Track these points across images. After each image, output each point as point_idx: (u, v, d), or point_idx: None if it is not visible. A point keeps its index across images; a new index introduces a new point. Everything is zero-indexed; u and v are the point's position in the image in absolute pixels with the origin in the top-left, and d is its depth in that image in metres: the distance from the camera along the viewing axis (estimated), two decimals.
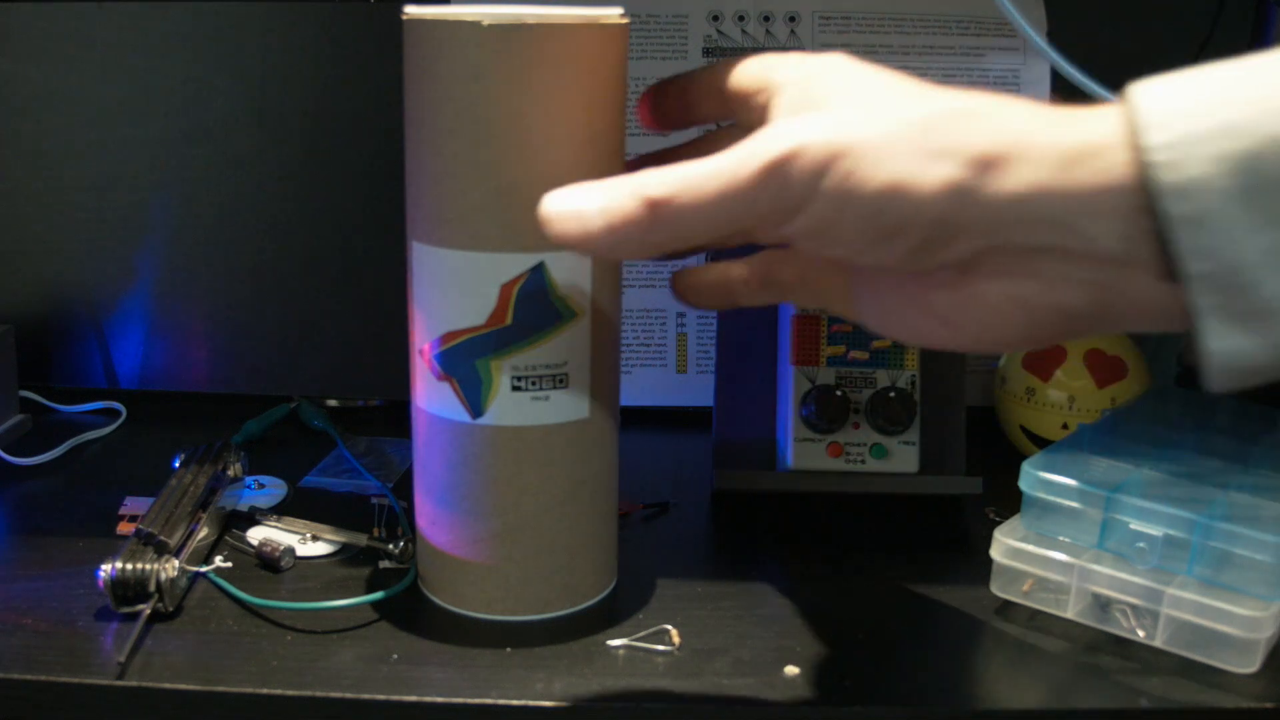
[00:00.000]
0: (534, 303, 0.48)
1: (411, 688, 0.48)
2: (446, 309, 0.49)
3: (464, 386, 0.49)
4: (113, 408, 0.81)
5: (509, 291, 0.48)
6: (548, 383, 0.49)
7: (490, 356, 0.48)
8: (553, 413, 0.49)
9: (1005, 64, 0.79)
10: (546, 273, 0.48)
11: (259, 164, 0.82)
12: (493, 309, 0.48)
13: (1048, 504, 0.54)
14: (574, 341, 0.49)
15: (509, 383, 0.48)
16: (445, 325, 0.49)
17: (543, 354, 0.48)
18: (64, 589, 0.55)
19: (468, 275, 0.48)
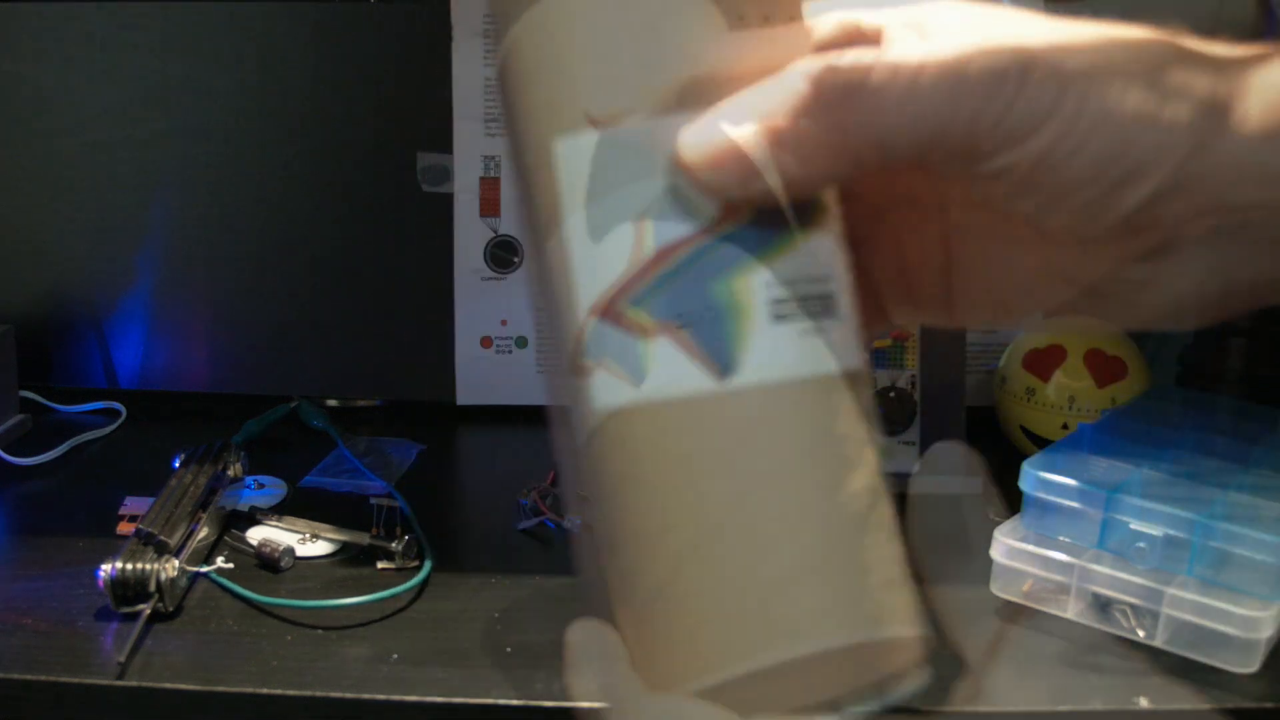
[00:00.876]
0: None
1: (411, 688, 0.48)
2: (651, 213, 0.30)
3: (699, 329, 0.29)
4: (113, 408, 0.81)
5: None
6: (816, 308, 0.30)
7: (736, 270, 0.29)
8: (832, 356, 0.30)
9: None
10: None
11: (259, 164, 0.82)
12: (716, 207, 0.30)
13: (1048, 504, 0.54)
14: (829, 249, 0.31)
15: (767, 310, 0.29)
16: (654, 240, 0.30)
17: (802, 263, 0.30)
18: (64, 589, 0.55)
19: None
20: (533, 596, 0.56)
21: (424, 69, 0.81)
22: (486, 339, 0.83)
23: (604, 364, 0.30)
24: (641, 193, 0.30)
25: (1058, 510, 0.54)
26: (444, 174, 0.82)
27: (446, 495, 0.71)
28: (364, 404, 0.85)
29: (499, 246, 0.82)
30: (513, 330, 0.83)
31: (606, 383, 0.30)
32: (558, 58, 0.31)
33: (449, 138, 0.81)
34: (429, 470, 0.73)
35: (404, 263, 0.83)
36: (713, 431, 0.29)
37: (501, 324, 0.83)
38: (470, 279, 0.82)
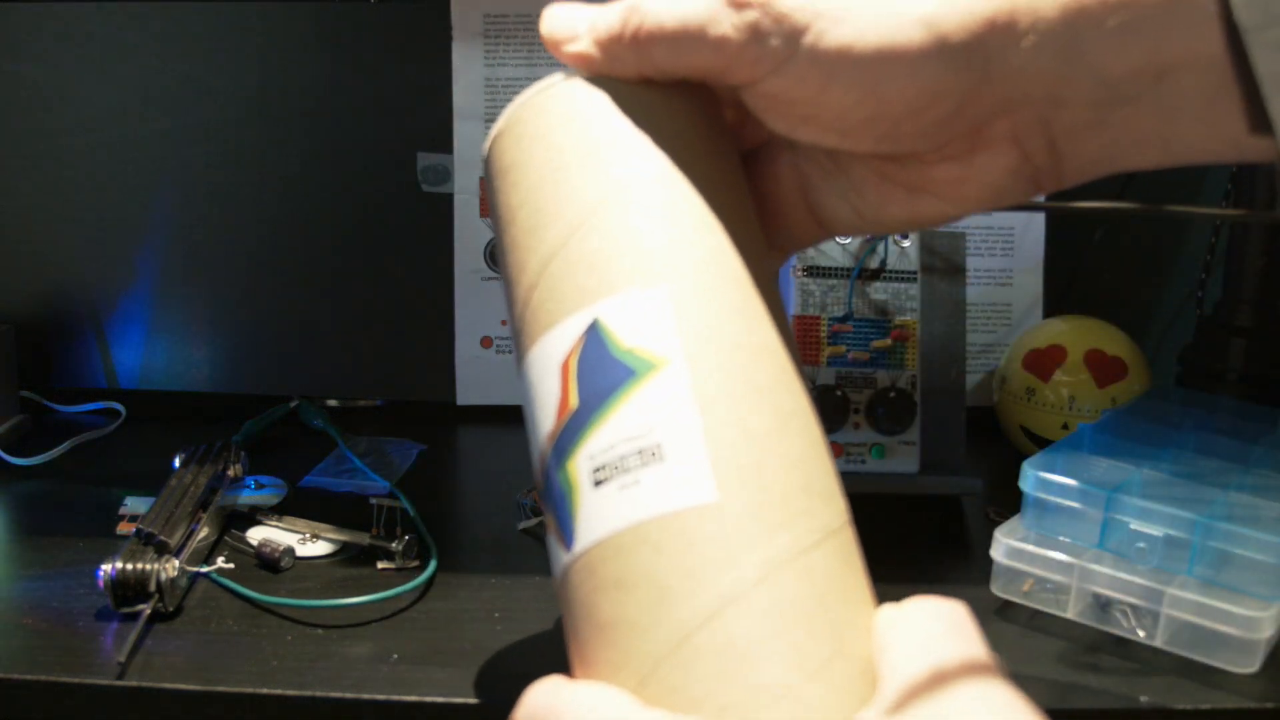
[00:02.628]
0: (597, 371, 0.35)
1: (411, 688, 0.48)
2: (532, 432, 0.37)
3: (556, 514, 0.35)
4: (113, 408, 0.81)
5: (568, 369, 0.35)
6: (634, 461, 0.33)
7: (566, 459, 0.34)
8: (653, 501, 0.32)
9: None
10: (602, 329, 0.35)
11: (259, 164, 0.82)
12: (558, 399, 0.35)
13: (1048, 504, 0.54)
14: (660, 399, 0.33)
15: (589, 480, 0.33)
16: (537, 442, 0.36)
17: (621, 424, 0.33)
18: (64, 589, 0.55)
19: (534, 378, 0.37)
20: (533, 596, 0.56)
21: (424, 69, 0.81)
22: (486, 339, 0.83)
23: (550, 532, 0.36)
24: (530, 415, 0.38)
25: (1058, 510, 0.54)
26: (444, 174, 0.82)
27: (446, 495, 0.71)
28: (364, 404, 0.85)
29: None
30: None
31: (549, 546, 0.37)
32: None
33: (449, 138, 0.81)
34: (429, 470, 0.73)
35: (404, 263, 0.83)
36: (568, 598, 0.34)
37: (501, 324, 0.83)
38: (470, 279, 0.82)
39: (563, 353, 0.35)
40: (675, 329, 0.34)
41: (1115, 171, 0.37)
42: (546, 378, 0.36)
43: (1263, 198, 0.75)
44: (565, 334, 0.35)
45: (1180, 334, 0.90)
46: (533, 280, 0.36)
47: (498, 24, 0.81)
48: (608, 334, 0.35)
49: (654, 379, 0.34)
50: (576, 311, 0.35)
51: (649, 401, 0.34)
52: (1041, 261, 0.82)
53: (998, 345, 0.82)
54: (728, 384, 0.34)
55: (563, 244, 0.36)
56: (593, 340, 0.35)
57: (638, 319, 0.35)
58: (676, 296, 0.35)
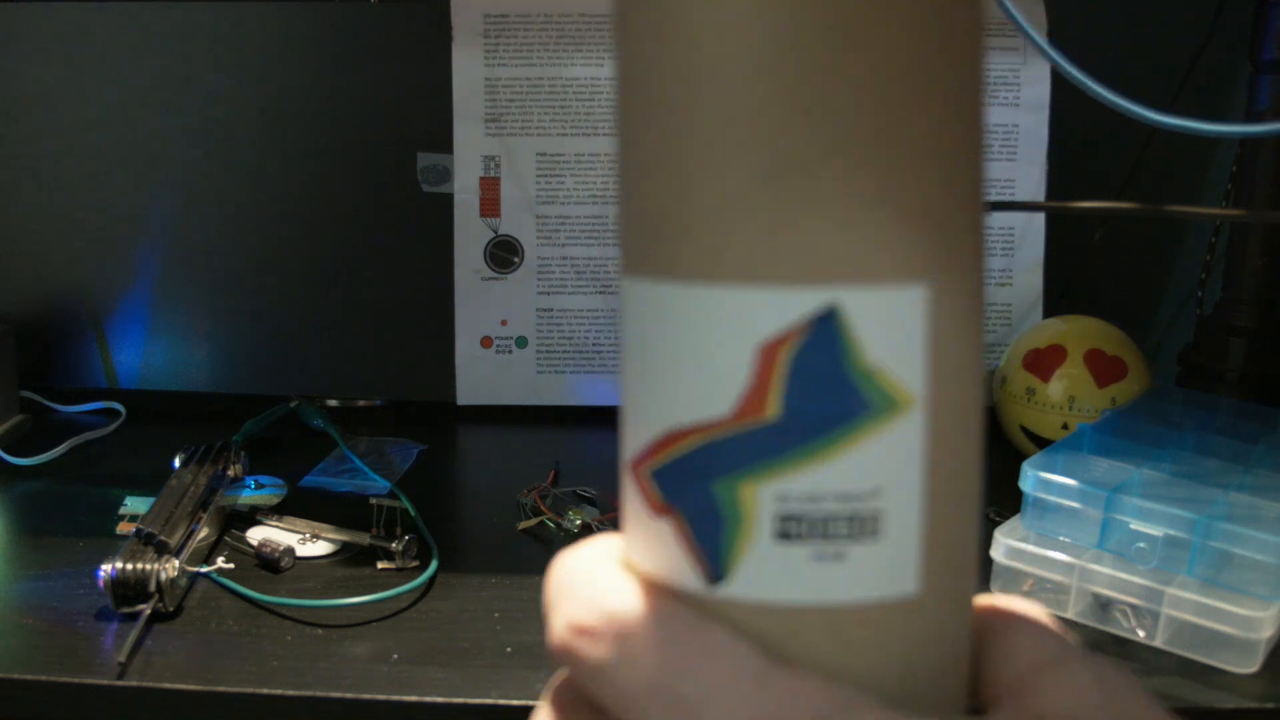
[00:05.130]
0: (818, 380, 0.26)
1: (411, 688, 0.48)
2: (665, 391, 0.27)
3: (695, 526, 0.27)
4: (113, 408, 0.81)
5: (773, 357, 0.26)
6: (843, 528, 0.26)
7: (739, 476, 0.26)
8: (852, 584, 0.26)
9: (1005, 64, 0.79)
10: (841, 324, 0.25)
11: (259, 164, 0.82)
12: (743, 390, 0.26)
13: (1048, 504, 0.54)
14: (895, 453, 0.26)
15: (772, 525, 0.26)
16: (664, 420, 0.27)
17: (840, 471, 0.26)
18: (64, 589, 0.55)
19: (698, 328, 0.27)
20: (533, 596, 0.56)
21: (424, 69, 0.81)
22: (486, 339, 0.83)
23: (627, 516, 0.29)
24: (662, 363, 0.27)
25: (1058, 510, 0.54)
26: (444, 174, 0.82)
27: (447, 495, 0.71)
28: (364, 404, 0.85)
29: (499, 246, 0.82)
30: (513, 330, 0.83)
31: (628, 537, 0.29)
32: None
33: (449, 138, 0.81)
34: (429, 470, 0.73)
35: (404, 263, 0.83)
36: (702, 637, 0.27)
37: (501, 324, 0.83)
38: (470, 279, 0.82)
39: (769, 332, 0.25)
40: (925, 353, 0.26)
41: None
42: (722, 351, 0.26)
43: (1263, 198, 0.75)
44: (779, 307, 0.25)
45: (1180, 334, 0.90)
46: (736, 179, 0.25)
47: (498, 24, 0.81)
48: (848, 337, 0.26)
49: (893, 424, 0.26)
50: (808, 282, 0.25)
51: (881, 453, 0.26)
52: (1041, 261, 0.82)
53: (998, 345, 0.82)
54: (960, 441, 0.27)
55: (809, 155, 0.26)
56: (824, 337, 0.25)
57: (889, 327, 0.26)
58: (934, 303, 0.26)
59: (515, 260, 0.82)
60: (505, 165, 0.81)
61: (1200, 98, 0.84)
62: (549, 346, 0.83)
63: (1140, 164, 0.85)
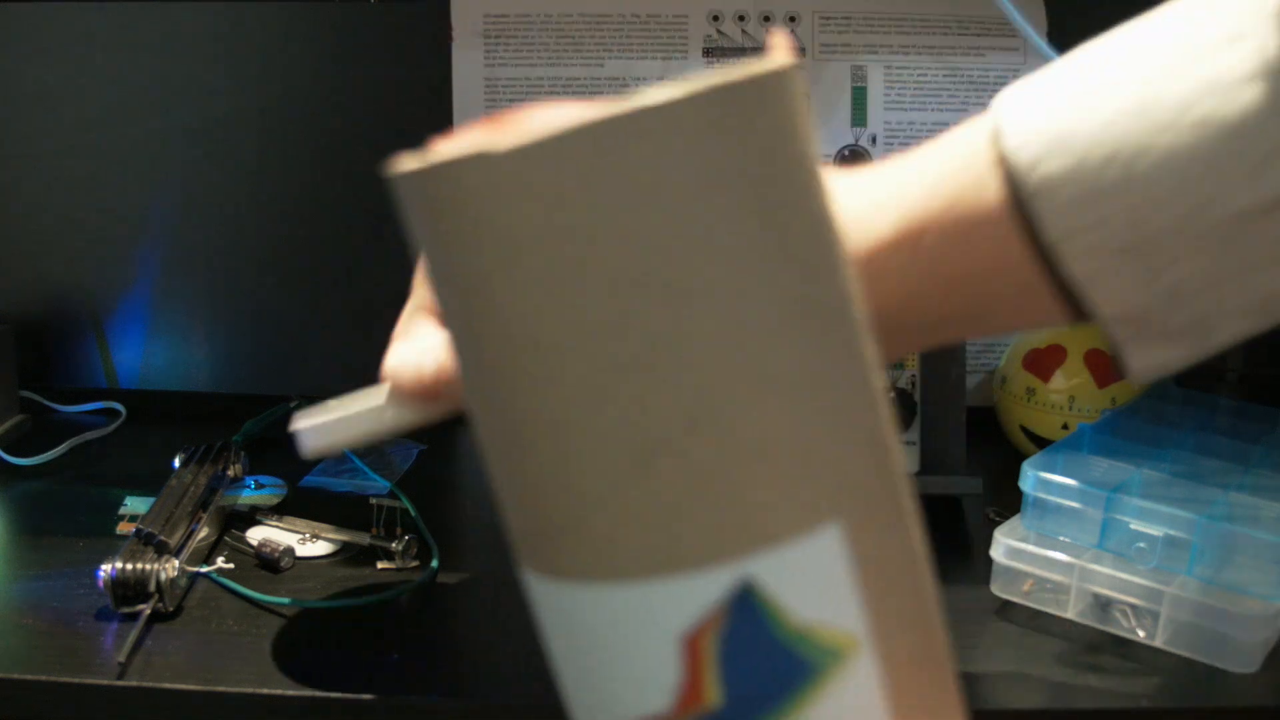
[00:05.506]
0: (751, 657, 0.24)
1: (411, 688, 0.48)
2: (601, 691, 0.25)
3: None
4: (113, 408, 0.81)
5: (697, 647, 0.24)
6: None
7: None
8: None
9: (1005, 64, 0.79)
10: (760, 597, 0.24)
11: (259, 164, 0.82)
12: (678, 683, 0.24)
13: (1048, 504, 0.54)
14: (853, 699, 0.24)
15: None
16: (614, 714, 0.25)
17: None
18: (64, 589, 0.55)
19: (612, 627, 0.24)
20: None
21: (424, 69, 0.81)
22: None
23: None
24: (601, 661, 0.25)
25: (1058, 510, 0.54)
26: None
27: (446, 495, 0.71)
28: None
29: None
30: None
31: None
32: None
33: None
34: (429, 470, 0.73)
35: (404, 263, 0.83)
36: None
37: None
38: None
39: (687, 622, 0.24)
40: (856, 591, 0.24)
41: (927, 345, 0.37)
42: (643, 644, 0.24)
43: None
44: (689, 594, 0.23)
45: None
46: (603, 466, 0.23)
47: (498, 24, 0.81)
48: (770, 608, 0.24)
49: (842, 673, 0.24)
50: (713, 562, 0.23)
51: (838, 705, 0.24)
52: None
53: (998, 345, 0.82)
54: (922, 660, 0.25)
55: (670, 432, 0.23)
56: (744, 614, 0.23)
57: (811, 580, 0.24)
58: (852, 537, 0.24)
59: None
60: None
61: None
62: None
63: None
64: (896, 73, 0.79)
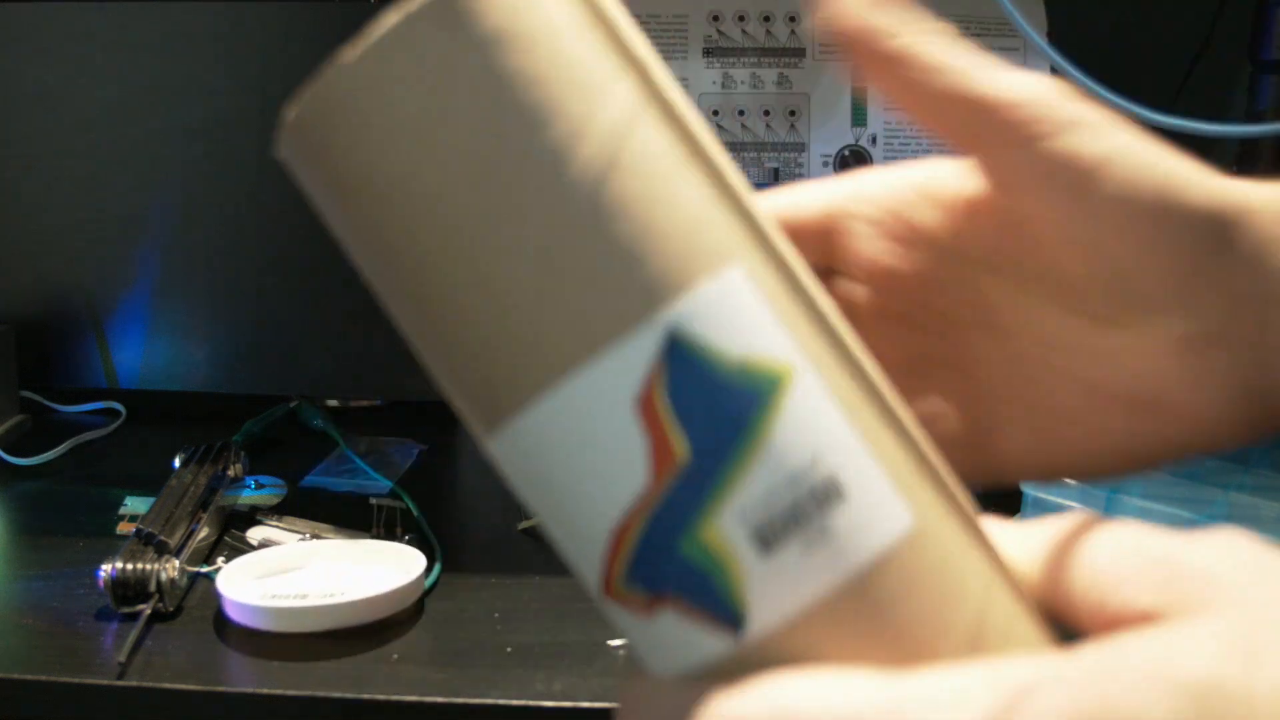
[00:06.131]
0: (705, 402, 0.26)
1: (411, 688, 0.48)
2: (584, 504, 0.27)
3: (690, 595, 0.26)
4: (113, 408, 0.81)
5: (652, 406, 0.26)
6: (811, 507, 0.26)
7: (694, 525, 0.26)
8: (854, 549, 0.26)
9: (1005, 64, 0.79)
10: (690, 342, 0.26)
11: (259, 164, 0.82)
12: (646, 450, 0.26)
13: (1048, 504, 0.54)
14: (809, 417, 0.26)
15: (752, 547, 0.26)
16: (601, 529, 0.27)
17: (774, 462, 0.26)
18: (64, 589, 0.55)
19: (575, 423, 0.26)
20: (533, 596, 0.56)
21: None
22: None
23: (632, 639, 0.27)
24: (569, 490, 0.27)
25: (1057, 510, 0.54)
26: None
27: (447, 495, 0.71)
28: (364, 404, 0.84)
29: None
30: None
31: (643, 656, 0.27)
32: None
33: None
34: (429, 470, 0.73)
35: None
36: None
37: None
38: None
39: (631, 389, 0.25)
40: (774, 321, 0.26)
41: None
42: (604, 430, 0.26)
43: None
44: (621, 364, 0.25)
45: None
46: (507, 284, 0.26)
47: None
48: (702, 350, 0.26)
49: (789, 395, 0.26)
50: (628, 328, 0.25)
51: (794, 426, 0.26)
52: None
53: None
54: (852, 370, 0.28)
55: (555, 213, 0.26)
56: (681, 361, 0.26)
57: (732, 316, 0.26)
58: (755, 275, 0.26)
59: None
60: None
61: (1200, 98, 0.84)
62: None
63: None
64: None
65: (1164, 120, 0.57)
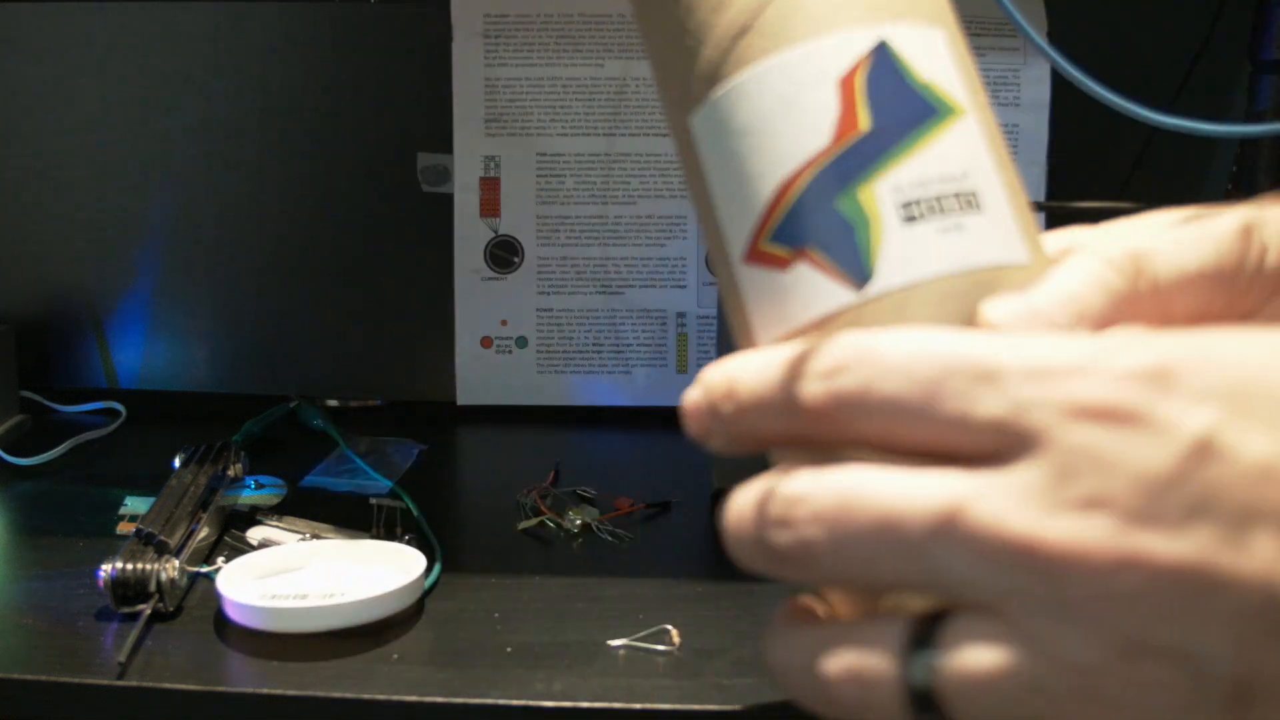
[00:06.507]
0: (891, 93, 0.32)
1: (411, 688, 0.48)
2: (766, 158, 0.32)
3: (830, 249, 0.31)
4: (113, 408, 0.81)
5: (851, 84, 0.31)
6: (953, 204, 0.31)
7: (856, 184, 0.31)
8: (979, 249, 0.31)
9: (1005, 64, 0.79)
10: (894, 52, 0.32)
11: (259, 164, 0.82)
12: (836, 117, 0.31)
13: None
14: (968, 145, 0.32)
15: (897, 214, 0.30)
16: (773, 179, 0.32)
17: (934, 161, 0.31)
18: (64, 589, 0.55)
19: (786, 88, 0.32)
20: (533, 596, 0.56)
21: (424, 69, 0.81)
22: (486, 339, 0.83)
23: (757, 305, 0.32)
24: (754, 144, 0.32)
25: None
26: (444, 174, 0.82)
27: (446, 495, 0.71)
28: (364, 404, 0.84)
29: (499, 246, 0.82)
30: (513, 330, 0.83)
31: (762, 322, 0.32)
32: None
33: (449, 138, 0.81)
34: (429, 470, 0.73)
35: (404, 263, 0.83)
36: None
37: (501, 324, 0.83)
38: (470, 279, 0.82)
39: (842, 67, 0.31)
40: (958, 76, 0.33)
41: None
42: (809, 92, 0.31)
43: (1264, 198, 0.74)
44: (842, 48, 0.32)
45: None
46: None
47: (498, 24, 0.81)
48: (902, 61, 0.32)
49: (957, 124, 0.32)
50: (856, 26, 0.32)
51: (957, 146, 0.32)
52: None
53: None
54: (1000, 140, 0.33)
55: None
56: (884, 63, 0.32)
57: (928, 55, 0.32)
58: (950, 42, 0.33)
59: (515, 260, 0.82)
60: (505, 165, 0.81)
61: (1200, 98, 0.84)
62: (549, 346, 0.83)
63: (1140, 164, 0.85)
64: None
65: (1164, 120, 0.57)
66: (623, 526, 0.63)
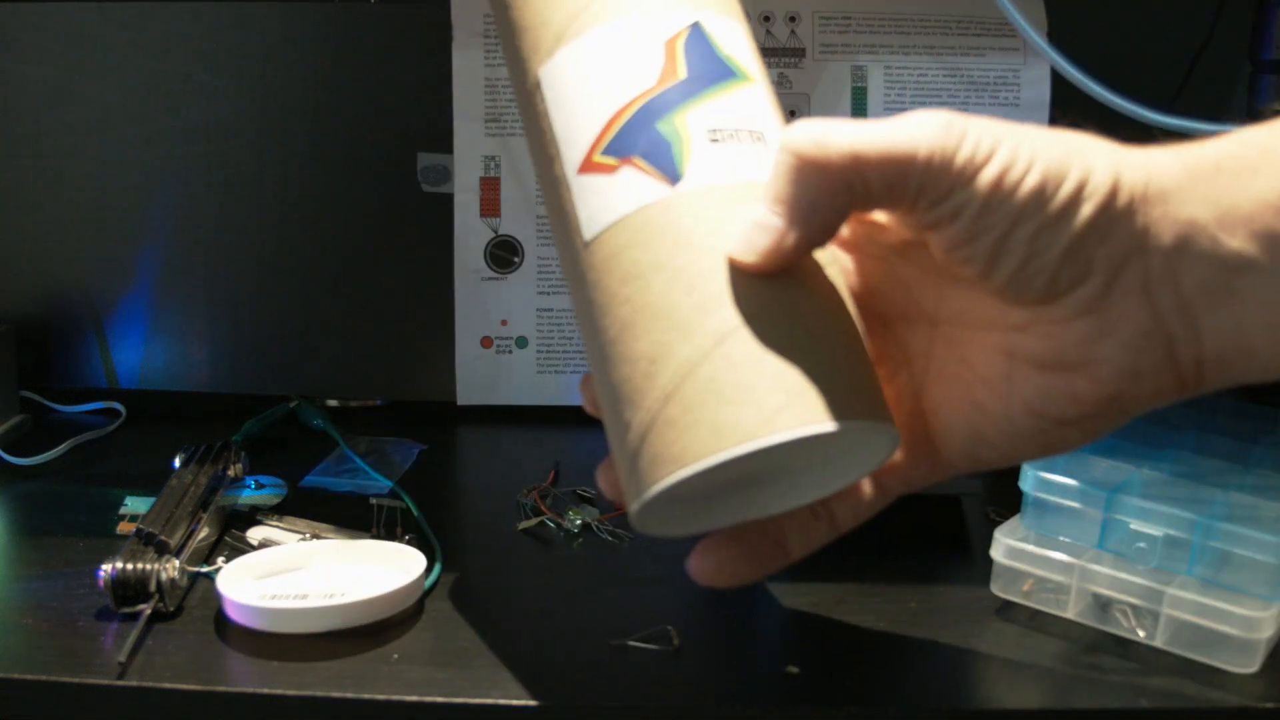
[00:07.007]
0: (704, 59, 0.43)
1: (411, 688, 0.48)
2: (607, 90, 0.42)
3: (651, 157, 0.41)
4: (113, 408, 0.81)
5: (674, 46, 0.43)
6: (747, 138, 0.42)
7: (674, 113, 0.42)
8: (759, 169, 0.41)
9: (1005, 64, 0.79)
10: (706, 30, 0.43)
11: (259, 164, 0.82)
12: (661, 66, 0.42)
13: (1048, 504, 0.54)
14: (758, 101, 0.43)
15: (704, 136, 0.41)
16: (611, 105, 0.42)
17: (732, 107, 0.42)
18: (64, 589, 0.55)
19: (621, 44, 0.43)
20: (533, 596, 0.56)
21: (424, 69, 0.81)
22: (486, 339, 0.83)
23: (587, 203, 0.42)
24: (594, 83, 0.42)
25: (1058, 510, 0.54)
26: (444, 174, 0.82)
27: (446, 495, 0.71)
28: (364, 404, 0.85)
29: (499, 246, 0.82)
30: (513, 330, 0.83)
31: (590, 214, 0.42)
32: None
33: (449, 138, 0.81)
34: (429, 470, 0.73)
35: (404, 263, 0.83)
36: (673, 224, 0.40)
37: (501, 324, 0.83)
38: (470, 279, 0.82)
39: (667, 34, 0.43)
40: (752, 58, 0.44)
41: (1254, 376, 0.37)
42: (641, 47, 0.42)
43: None
44: (668, 20, 0.43)
45: None
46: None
47: None
48: (712, 38, 0.43)
49: (750, 87, 0.43)
50: (679, 9, 0.43)
51: (750, 100, 0.43)
52: None
53: None
54: (778, 106, 0.44)
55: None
56: (697, 35, 0.43)
57: (730, 37, 0.44)
58: (746, 34, 0.45)
59: (515, 260, 0.82)
60: (505, 165, 0.81)
61: (1200, 98, 0.84)
62: (549, 346, 0.83)
63: None
64: (896, 73, 0.80)
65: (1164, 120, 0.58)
66: (623, 526, 0.63)
